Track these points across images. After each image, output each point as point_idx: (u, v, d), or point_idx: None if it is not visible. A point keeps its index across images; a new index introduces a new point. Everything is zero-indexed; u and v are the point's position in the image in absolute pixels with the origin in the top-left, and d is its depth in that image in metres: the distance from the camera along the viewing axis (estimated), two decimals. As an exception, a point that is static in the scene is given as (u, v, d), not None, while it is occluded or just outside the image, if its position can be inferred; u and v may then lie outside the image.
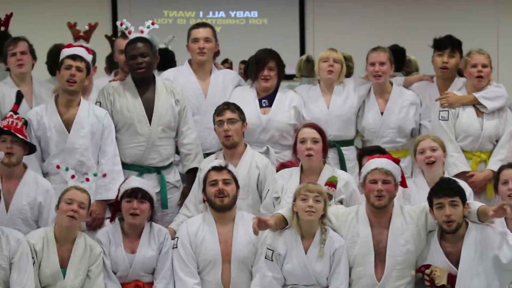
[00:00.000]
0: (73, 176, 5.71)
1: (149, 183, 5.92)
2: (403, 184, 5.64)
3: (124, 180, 5.83)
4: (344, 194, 5.80)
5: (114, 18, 11.87)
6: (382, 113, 6.56)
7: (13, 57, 6.31)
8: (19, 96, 5.99)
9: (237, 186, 5.72)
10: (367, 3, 12.32)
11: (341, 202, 5.75)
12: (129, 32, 6.26)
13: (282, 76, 6.61)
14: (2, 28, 7.60)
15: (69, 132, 5.95)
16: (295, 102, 6.56)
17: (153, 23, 6.29)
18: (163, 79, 6.45)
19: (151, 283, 5.69)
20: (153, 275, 5.71)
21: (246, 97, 6.48)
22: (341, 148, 6.52)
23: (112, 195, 5.90)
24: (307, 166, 5.86)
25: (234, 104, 6.16)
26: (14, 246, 5.36)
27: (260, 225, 5.30)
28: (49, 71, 6.95)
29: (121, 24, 6.33)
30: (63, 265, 5.50)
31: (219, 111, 6.09)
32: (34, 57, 6.42)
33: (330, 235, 5.40)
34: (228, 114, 6.05)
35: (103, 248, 5.63)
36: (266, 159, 6.18)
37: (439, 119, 6.36)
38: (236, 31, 12.10)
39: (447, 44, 6.51)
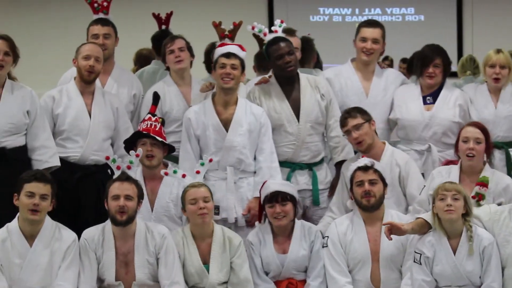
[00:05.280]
0: (184, 176, 5.71)
1: (287, 183, 5.94)
2: None
3: (262, 185, 5.84)
4: (503, 198, 5.69)
5: (271, 16, 12.01)
6: None
7: (172, 54, 6.40)
8: (156, 97, 6.08)
9: (385, 185, 5.66)
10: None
11: (499, 205, 5.60)
12: (264, 34, 6.23)
13: (448, 73, 6.49)
14: (163, 27, 7.82)
15: (227, 131, 6.01)
16: (461, 100, 6.39)
17: (282, 21, 6.27)
18: (307, 75, 6.44)
19: (304, 281, 5.71)
20: (305, 273, 5.73)
21: (410, 94, 6.41)
22: (510, 149, 6.31)
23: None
24: (466, 166, 5.78)
25: (354, 109, 6.03)
26: (159, 242, 5.47)
27: (393, 230, 5.29)
28: (206, 70, 7.08)
29: (253, 28, 6.27)
30: (206, 261, 5.56)
31: (341, 122, 6.00)
32: (192, 55, 6.50)
33: (478, 233, 5.30)
34: (352, 122, 5.94)
35: (253, 249, 5.70)
36: (406, 155, 6.10)
37: None
38: (392, 28, 11.96)
39: None
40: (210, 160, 5.79)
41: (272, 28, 6.25)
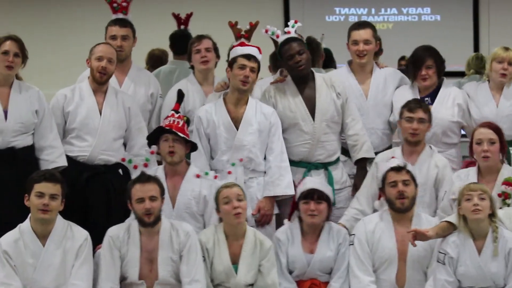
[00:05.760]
0: (215, 177, 5.78)
1: (325, 183, 5.95)
2: None
3: (300, 181, 5.87)
4: (525, 195, 5.67)
5: (286, 16, 11.99)
6: None
7: (198, 54, 6.44)
8: (180, 95, 6.06)
9: (416, 185, 5.66)
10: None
11: (524, 203, 5.62)
12: (277, 36, 6.25)
13: (442, 72, 6.47)
14: (182, 27, 7.84)
15: (237, 129, 6.03)
16: (459, 99, 6.40)
17: (296, 22, 6.30)
18: (323, 74, 6.46)
19: (327, 283, 5.70)
20: (329, 275, 5.72)
21: (407, 96, 6.37)
22: (511, 148, 6.25)
23: (279, 191, 5.96)
24: (484, 167, 5.76)
25: (425, 104, 6.10)
26: (183, 239, 5.46)
27: (418, 237, 5.30)
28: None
29: (266, 31, 6.30)
30: (235, 261, 5.57)
31: (411, 107, 6.01)
32: (218, 56, 6.55)
33: (504, 235, 5.28)
34: (421, 114, 5.97)
35: (281, 246, 5.70)
36: (445, 159, 6.08)
37: None
38: (408, 28, 11.98)
39: None
40: (241, 160, 5.84)
41: (285, 29, 6.28)
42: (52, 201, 5.34)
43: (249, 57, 5.99)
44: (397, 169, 5.63)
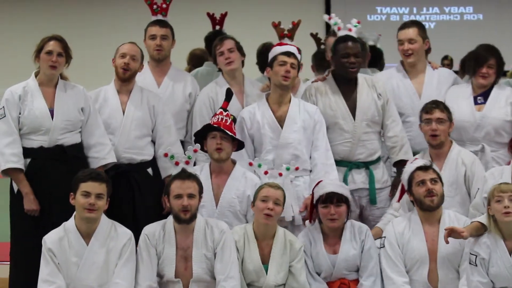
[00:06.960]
0: (266, 172, 5.80)
1: (342, 184, 5.92)
2: None
3: (317, 184, 5.83)
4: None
5: (328, 15, 11.98)
6: None
7: (222, 56, 6.44)
8: (229, 94, 6.09)
9: (442, 184, 5.63)
10: None
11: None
12: (339, 28, 6.32)
13: (500, 73, 6.45)
14: (217, 27, 7.85)
15: (282, 128, 6.06)
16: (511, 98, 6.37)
17: (358, 22, 6.33)
18: (364, 74, 6.44)
19: (356, 280, 5.70)
20: (357, 272, 5.71)
21: (461, 95, 6.36)
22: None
23: None
24: (520, 168, 5.72)
25: (443, 103, 6.06)
26: (217, 237, 5.50)
27: (453, 235, 5.26)
28: (260, 70, 7.10)
29: (329, 19, 6.39)
30: (265, 261, 5.58)
31: (427, 109, 6.01)
32: (243, 54, 6.53)
33: None
34: (438, 114, 5.96)
35: (304, 249, 5.68)
36: (473, 155, 6.05)
37: None
38: (451, 27, 11.91)
39: None
40: (297, 169, 5.84)
41: (348, 25, 6.32)
42: (98, 200, 5.39)
43: (288, 54, 6.04)
44: (424, 168, 5.62)
